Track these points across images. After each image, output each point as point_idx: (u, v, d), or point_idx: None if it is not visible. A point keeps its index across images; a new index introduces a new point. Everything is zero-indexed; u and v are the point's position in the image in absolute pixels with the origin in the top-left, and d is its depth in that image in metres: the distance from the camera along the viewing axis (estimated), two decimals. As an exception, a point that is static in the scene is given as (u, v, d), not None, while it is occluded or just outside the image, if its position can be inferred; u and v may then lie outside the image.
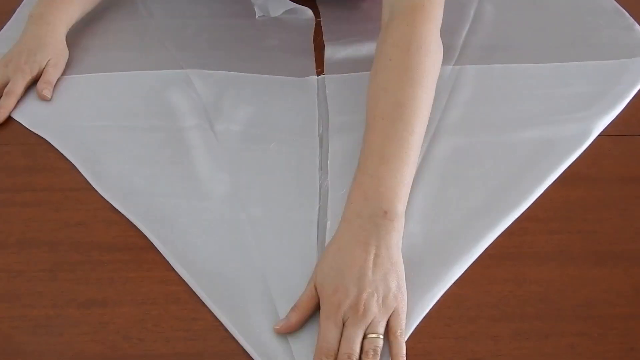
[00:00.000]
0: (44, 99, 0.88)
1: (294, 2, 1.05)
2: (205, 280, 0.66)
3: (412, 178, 0.69)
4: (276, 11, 1.05)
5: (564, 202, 0.73)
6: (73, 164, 0.79)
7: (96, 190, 0.75)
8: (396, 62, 0.73)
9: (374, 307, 0.59)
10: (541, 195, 0.73)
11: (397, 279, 0.61)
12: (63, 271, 0.67)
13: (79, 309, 0.64)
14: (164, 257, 0.68)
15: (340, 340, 0.58)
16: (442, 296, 0.64)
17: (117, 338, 0.61)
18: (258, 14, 1.05)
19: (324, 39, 1.00)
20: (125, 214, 0.72)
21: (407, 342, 0.60)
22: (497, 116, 0.84)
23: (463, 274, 0.66)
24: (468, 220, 0.70)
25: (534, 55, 0.94)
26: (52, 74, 0.90)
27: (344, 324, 0.59)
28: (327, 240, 0.69)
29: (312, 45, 0.98)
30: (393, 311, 0.60)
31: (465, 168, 0.77)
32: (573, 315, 0.63)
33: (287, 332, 0.60)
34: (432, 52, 0.75)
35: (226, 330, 0.62)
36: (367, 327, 0.58)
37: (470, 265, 0.66)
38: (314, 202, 0.73)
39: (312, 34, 1.01)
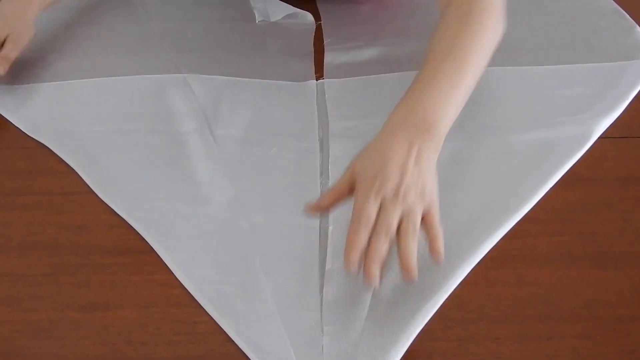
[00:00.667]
0: None
1: (294, 6, 1.05)
2: (206, 285, 0.66)
3: (460, 108, 0.69)
4: (276, 15, 1.05)
5: (565, 204, 0.73)
6: (73, 168, 0.79)
7: (97, 194, 0.75)
8: (458, 19, 0.75)
9: (413, 195, 0.60)
10: (542, 197, 0.73)
11: (433, 183, 0.63)
12: (64, 275, 0.67)
13: (80, 312, 0.64)
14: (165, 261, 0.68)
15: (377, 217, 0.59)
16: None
17: (118, 341, 0.61)
18: (258, 18, 1.05)
19: (324, 43, 1.00)
20: (125, 219, 0.72)
21: (409, 345, 0.60)
22: (498, 119, 0.84)
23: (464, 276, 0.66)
24: (470, 223, 0.70)
25: (534, 57, 0.94)
26: (10, 50, 0.89)
27: (381, 205, 0.59)
28: (329, 245, 0.69)
29: (312, 49, 0.98)
30: (428, 204, 0.61)
31: (466, 171, 0.77)
32: (574, 317, 0.63)
33: (317, 212, 0.65)
34: (495, 18, 0.77)
35: (227, 334, 0.61)
36: (403, 214, 0.59)
37: (471, 268, 0.66)
38: None
39: (312, 38, 1.01)
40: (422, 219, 0.61)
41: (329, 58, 0.96)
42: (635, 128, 0.83)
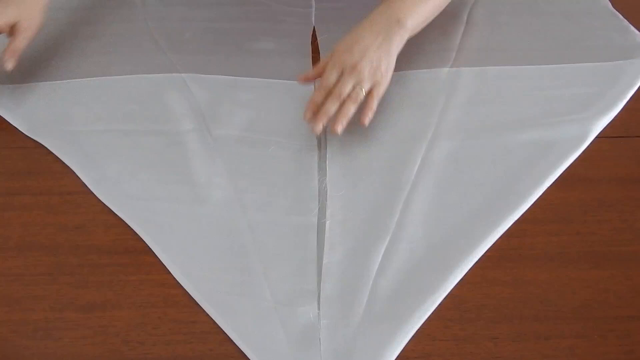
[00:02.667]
0: (5, 69, 0.86)
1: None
2: (204, 285, 0.66)
3: (429, 15, 0.86)
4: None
5: (563, 203, 0.73)
6: (71, 168, 0.79)
7: (94, 194, 0.75)
8: None
9: (366, 71, 0.77)
10: (540, 197, 0.73)
11: (388, 64, 0.79)
12: (62, 274, 0.67)
13: (78, 312, 0.64)
14: (162, 261, 0.68)
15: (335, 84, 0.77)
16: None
17: (116, 341, 0.61)
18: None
19: (318, 39, 1.00)
20: (123, 218, 0.72)
21: (407, 344, 0.60)
22: (495, 118, 0.84)
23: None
24: (467, 223, 0.71)
25: (530, 57, 0.94)
26: (20, 40, 0.86)
27: (341, 75, 0.78)
28: (327, 242, 0.69)
29: (310, 48, 0.98)
30: (376, 82, 0.78)
31: (463, 171, 0.77)
32: (572, 317, 0.63)
33: (306, 82, 0.84)
34: None
35: (225, 333, 0.62)
36: (355, 82, 0.77)
37: (469, 267, 0.66)
38: (313, 205, 0.73)
39: (310, 37, 1.00)
40: (368, 91, 0.77)
41: (325, 57, 0.96)
42: (634, 128, 0.83)
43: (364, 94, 0.77)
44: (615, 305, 0.64)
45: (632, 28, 0.99)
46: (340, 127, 0.76)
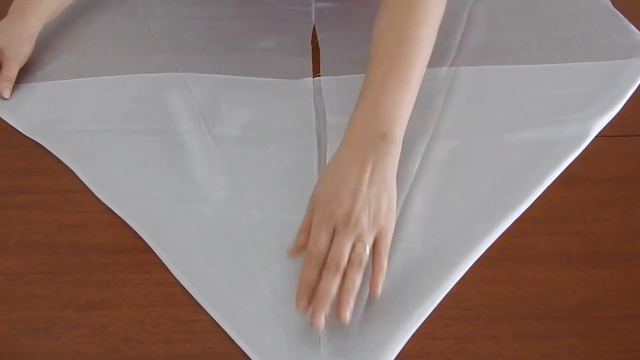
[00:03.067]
0: (2, 98, 0.87)
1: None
2: (204, 283, 0.66)
3: (411, 108, 0.71)
4: None
5: (563, 203, 0.73)
6: (70, 168, 0.79)
7: (93, 193, 0.75)
8: (399, 3, 0.77)
9: (364, 221, 0.60)
10: (540, 196, 0.73)
11: (389, 200, 0.63)
12: (62, 273, 0.67)
13: (77, 311, 0.64)
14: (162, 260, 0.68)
15: (329, 248, 0.60)
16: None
17: (116, 340, 0.61)
18: None
19: (319, 38, 1.00)
20: (122, 217, 0.72)
21: (406, 343, 0.60)
22: (494, 118, 0.84)
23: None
24: (467, 223, 0.70)
25: (529, 57, 0.94)
26: (11, 70, 0.88)
27: (334, 234, 0.60)
28: None
29: (310, 47, 0.98)
30: (381, 229, 0.62)
31: (463, 171, 0.77)
32: (572, 316, 0.63)
33: (299, 254, 0.62)
34: None
35: (225, 331, 0.62)
36: (355, 239, 0.60)
37: (469, 267, 0.66)
38: None
39: (310, 36, 1.01)
40: (373, 245, 0.61)
41: (325, 55, 0.96)
42: (634, 127, 0.83)
43: (368, 252, 0.61)
44: (615, 304, 0.64)
45: (632, 27, 1.00)
46: (348, 313, 0.58)
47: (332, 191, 0.62)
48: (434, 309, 0.63)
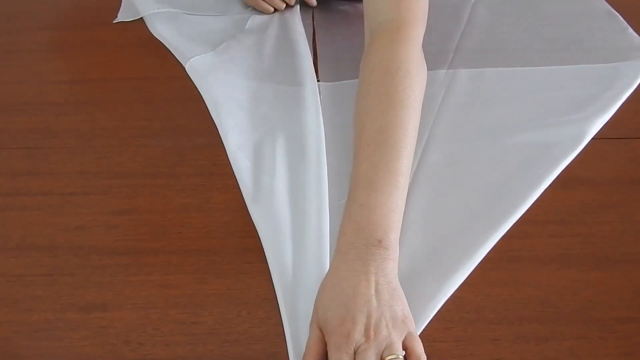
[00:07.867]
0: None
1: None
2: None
3: (404, 202, 0.67)
4: None
5: (563, 205, 0.73)
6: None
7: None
8: (376, 87, 0.72)
9: (385, 330, 0.57)
10: (540, 198, 0.73)
11: (402, 305, 0.60)
12: (63, 275, 0.67)
13: (78, 313, 0.64)
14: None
15: None
16: (442, 299, 0.64)
17: (116, 342, 0.61)
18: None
19: (317, 46, 1.00)
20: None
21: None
22: (492, 120, 0.84)
23: (462, 276, 0.66)
24: (466, 226, 0.70)
25: (528, 59, 0.94)
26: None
27: (356, 355, 0.56)
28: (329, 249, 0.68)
29: (310, 51, 0.98)
30: (407, 334, 0.58)
31: (460, 174, 0.77)
32: (573, 318, 0.63)
33: None
34: (413, 72, 0.73)
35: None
36: (384, 351, 0.56)
37: (470, 271, 0.66)
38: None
39: (312, 41, 1.00)
40: (403, 343, 0.58)
41: (322, 62, 0.96)
42: (635, 129, 0.83)
43: (402, 357, 0.56)
44: (616, 306, 0.64)
45: (631, 30, 1.00)
46: None
47: (342, 310, 0.58)
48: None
